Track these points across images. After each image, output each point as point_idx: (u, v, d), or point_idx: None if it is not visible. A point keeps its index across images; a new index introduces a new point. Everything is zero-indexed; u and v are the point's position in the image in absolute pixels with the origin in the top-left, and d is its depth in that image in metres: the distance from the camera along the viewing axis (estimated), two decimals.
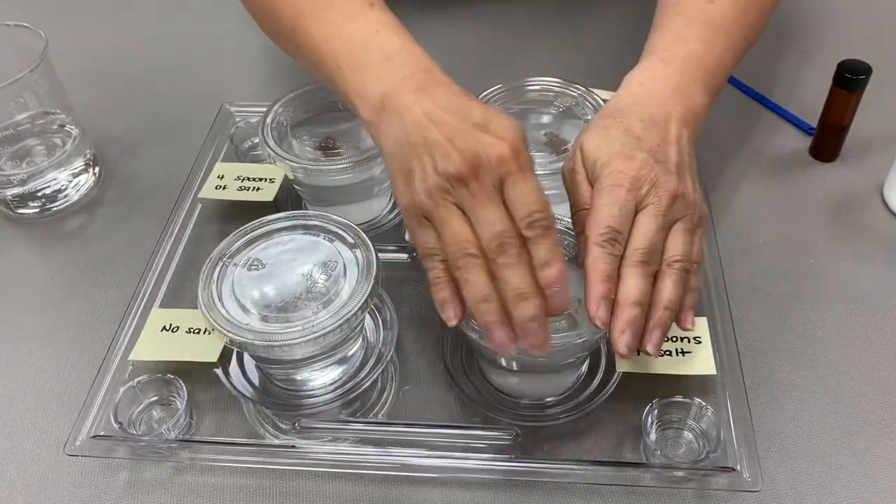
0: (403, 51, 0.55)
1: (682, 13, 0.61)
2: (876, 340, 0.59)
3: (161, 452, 0.54)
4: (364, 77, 0.54)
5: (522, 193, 0.48)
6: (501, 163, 0.48)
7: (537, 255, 0.47)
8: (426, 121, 0.50)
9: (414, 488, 0.53)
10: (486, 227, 0.47)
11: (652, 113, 0.55)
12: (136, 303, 0.62)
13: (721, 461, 0.51)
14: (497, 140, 0.48)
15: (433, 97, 0.51)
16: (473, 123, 0.49)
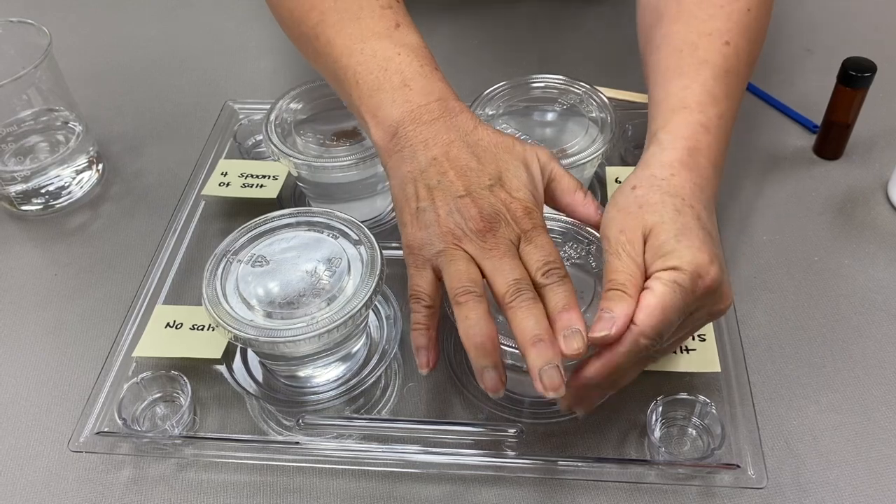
0: (421, 77, 0.54)
1: (706, 62, 0.56)
2: (880, 337, 0.59)
3: (165, 449, 0.54)
4: (380, 99, 0.54)
5: (539, 247, 0.49)
6: (518, 222, 0.49)
7: (555, 300, 0.47)
8: (443, 162, 0.51)
9: (417, 485, 0.53)
10: (503, 275, 0.47)
11: (707, 197, 0.51)
12: (139, 299, 0.62)
13: (725, 458, 0.51)
14: (514, 200, 0.50)
15: (444, 133, 0.52)
16: (486, 180, 0.50)
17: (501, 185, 0.50)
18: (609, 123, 0.63)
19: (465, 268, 0.48)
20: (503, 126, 0.65)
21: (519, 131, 0.64)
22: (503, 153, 0.52)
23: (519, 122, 0.65)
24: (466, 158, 0.51)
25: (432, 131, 0.52)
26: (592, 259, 0.54)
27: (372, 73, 0.55)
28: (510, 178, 0.51)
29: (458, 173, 0.50)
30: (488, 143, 0.52)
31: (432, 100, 0.53)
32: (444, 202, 0.50)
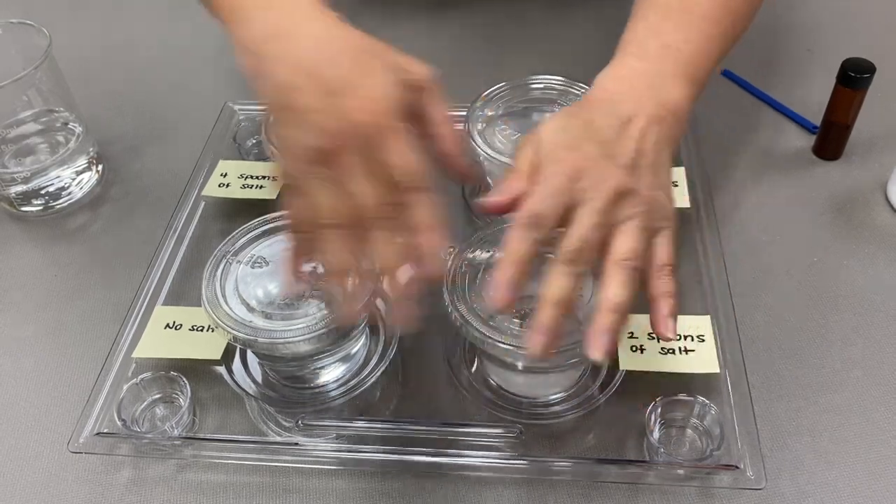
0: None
1: (656, 4, 0.59)
2: (879, 338, 0.59)
3: (164, 450, 0.54)
4: (245, 26, 0.53)
5: (392, 158, 0.46)
6: (367, 130, 0.46)
7: (415, 219, 0.47)
8: (291, 80, 0.48)
9: (417, 485, 0.53)
10: (357, 199, 0.46)
11: (619, 109, 0.52)
12: (139, 300, 0.62)
13: (724, 459, 0.51)
14: (362, 107, 0.47)
15: (302, 43, 0.50)
16: (341, 85, 0.47)
17: (353, 94, 0.47)
18: None
19: (324, 201, 0.47)
20: (502, 127, 0.65)
21: (518, 132, 0.64)
22: (369, 58, 0.50)
23: (518, 123, 0.65)
24: (321, 65, 0.48)
25: (290, 44, 0.50)
26: None
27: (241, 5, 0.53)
28: (371, 82, 0.48)
29: (314, 84, 0.48)
30: (352, 46, 0.50)
31: (294, 12, 0.52)
32: (297, 126, 0.48)
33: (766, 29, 0.89)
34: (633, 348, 0.55)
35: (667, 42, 0.56)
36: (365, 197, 0.46)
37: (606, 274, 0.47)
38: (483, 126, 0.65)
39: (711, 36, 0.57)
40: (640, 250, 0.48)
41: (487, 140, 0.64)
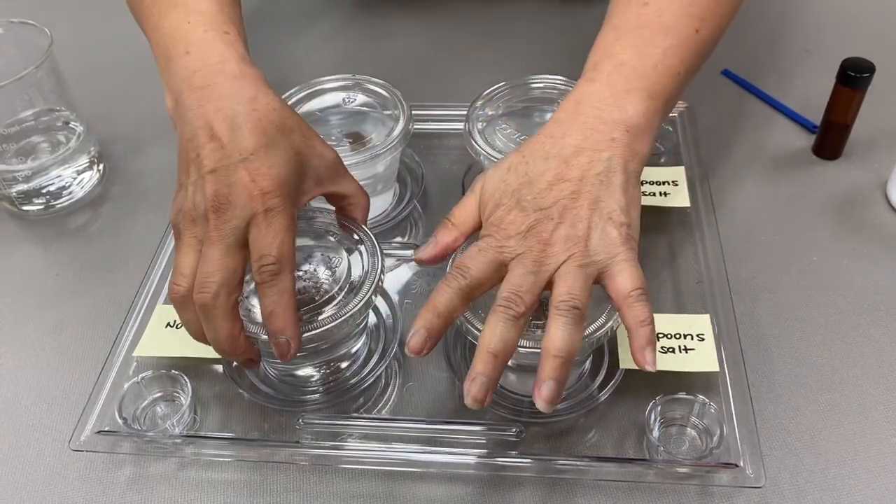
0: (202, 42, 0.54)
1: (614, 27, 0.58)
2: (879, 337, 0.59)
3: (165, 448, 0.54)
4: (170, 70, 0.54)
5: (259, 237, 0.47)
6: (247, 204, 0.47)
7: (263, 304, 0.48)
8: (202, 136, 0.50)
9: (417, 484, 0.53)
10: (202, 267, 0.47)
11: (562, 146, 0.52)
12: (140, 299, 0.62)
13: (724, 457, 0.51)
14: (252, 183, 0.48)
15: (215, 101, 0.51)
16: (240, 154, 0.49)
17: (250, 161, 0.48)
18: None
19: (183, 260, 0.48)
20: (503, 127, 0.65)
21: (519, 131, 0.64)
22: (276, 132, 0.50)
23: (518, 122, 0.66)
24: (228, 130, 0.49)
25: (203, 98, 0.51)
26: None
27: (165, 46, 0.55)
28: (269, 155, 0.49)
29: (216, 146, 0.49)
30: (263, 115, 0.50)
31: (210, 63, 0.52)
32: (193, 179, 0.49)
33: (765, 28, 0.89)
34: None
35: (621, 60, 0.55)
36: (210, 263, 0.47)
37: (548, 320, 0.47)
38: (483, 125, 0.65)
39: (674, 45, 0.56)
40: (577, 290, 0.47)
41: (488, 139, 0.64)
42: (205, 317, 0.48)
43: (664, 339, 0.56)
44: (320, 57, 0.89)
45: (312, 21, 0.94)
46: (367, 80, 0.69)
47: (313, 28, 0.93)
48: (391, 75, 0.70)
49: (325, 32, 0.92)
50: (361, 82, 0.69)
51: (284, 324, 0.48)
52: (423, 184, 0.71)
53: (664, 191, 0.67)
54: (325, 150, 0.53)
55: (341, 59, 0.88)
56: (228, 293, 0.47)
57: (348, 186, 0.55)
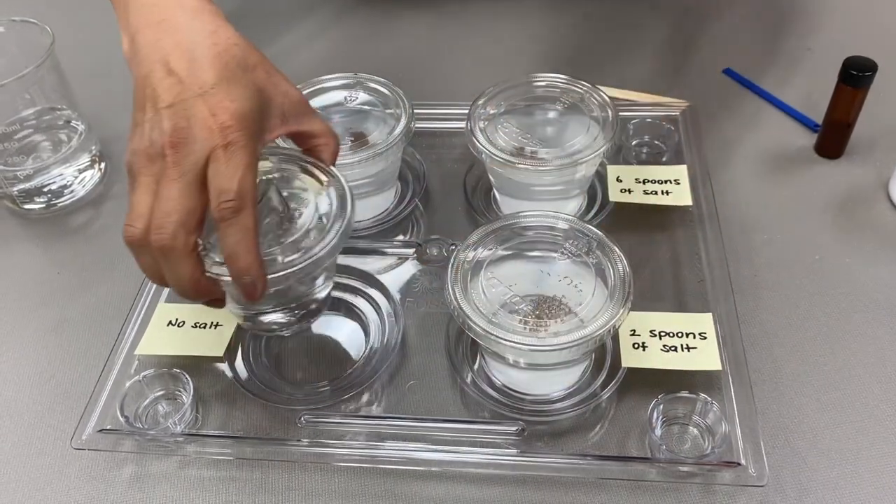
0: None
1: None
2: (881, 336, 0.59)
3: (167, 446, 0.54)
4: (126, 13, 0.52)
5: (218, 173, 0.45)
6: (209, 139, 0.45)
7: (223, 243, 0.46)
8: (159, 71, 0.47)
9: (419, 482, 0.53)
10: (159, 206, 0.45)
11: None
12: (141, 298, 0.62)
13: (726, 456, 0.51)
14: (211, 117, 0.45)
15: (174, 36, 0.48)
16: (199, 88, 0.46)
17: (210, 95, 0.46)
18: (610, 122, 0.63)
19: (137, 199, 0.46)
20: (505, 125, 0.65)
21: (520, 130, 0.64)
22: (237, 67, 0.48)
23: (520, 120, 0.65)
24: (186, 63, 0.47)
25: (160, 32, 0.49)
26: (593, 255, 0.54)
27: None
28: (230, 89, 0.47)
29: (174, 80, 0.47)
30: (224, 49, 0.48)
31: None
32: (150, 115, 0.46)
33: (767, 27, 0.89)
34: (634, 345, 0.55)
35: None
36: (168, 202, 0.45)
37: None
38: (485, 124, 0.65)
39: None
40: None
41: (489, 138, 0.64)
42: (164, 259, 0.46)
43: (666, 337, 0.56)
44: (322, 55, 0.89)
45: (314, 20, 0.94)
46: (369, 79, 0.69)
47: (315, 26, 0.93)
48: (393, 74, 0.70)
49: (326, 31, 0.92)
50: (363, 81, 0.69)
51: (248, 264, 0.46)
52: (425, 182, 0.71)
53: (666, 189, 0.67)
54: (289, 88, 0.51)
55: (343, 58, 0.88)
56: (187, 233, 0.45)
57: (315, 125, 0.53)
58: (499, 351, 0.53)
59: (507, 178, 0.65)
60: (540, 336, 0.50)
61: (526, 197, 0.66)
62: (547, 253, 0.56)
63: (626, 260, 0.53)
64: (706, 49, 0.87)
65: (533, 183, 0.64)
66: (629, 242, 0.65)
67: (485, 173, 0.69)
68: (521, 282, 0.55)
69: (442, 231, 0.67)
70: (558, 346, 0.49)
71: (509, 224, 0.57)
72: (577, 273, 0.54)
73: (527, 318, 0.52)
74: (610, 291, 0.52)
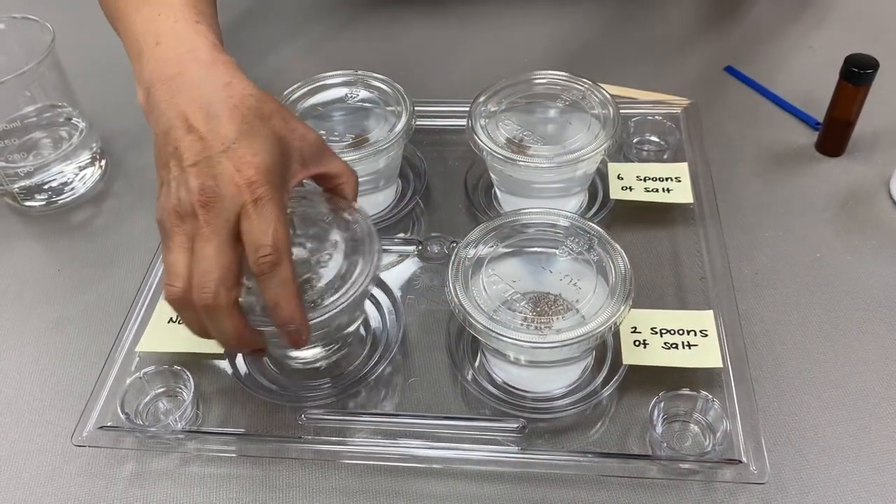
0: (173, 33, 0.52)
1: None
2: (882, 334, 0.59)
3: (168, 443, 0.54)
4: (141, 63, 0.52)
5: (252, 229, 0.46)
6: (236, 196, 0.46)
7: (265, 296, 0.47)
8: (178, 129, 0.48)
9: (420, 479, 0.53)
10: (198, 265, 0.46)
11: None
12: (142, 294, 0.62)
13: (727, 454, 0.51)
14: (238, 173, 0.46)
15: (187, 90, 0.49)
16: (221, 144, 0.47)
17: (233, 151, 0.47)
18: (611, 119, 0.63)
19: (173, 258, 0.47)
20: (505, 122, 0.65)
21: (521, 127, 0.64)
22: (254, 118, 0.49)
23: (521, 118, 0.65)
24: (205, 119, 0.48)
25: (175, 87, 0.49)
26: (594, 252, 0.54)
27: (136, 41, 0.54)
28: (251, 143, 0.47)
29: (195, 137, 0.47)
30: (240, 102, 0.49)
31: (181, 52, 0.51)
32: (175, 174, 0.47)
33: (769, 25, 0.89)
34: (635, 343, 0.55)
35: None
36: (205, 261, 0.46)
37: None
38: (486, 121, 0.65)
39: None
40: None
41: (490, 135, 0.64)
42: (208, 316, 0.47)
43: (667, 334, 0.56)
44: (323, 53, 0.89)
45: (315, 17, 0.94)
46: (370, 76, 0.69)
47: (316, 24, 0.93)
48: (394, 71, 0.70)
49: (327, 28, 0.92)
50: (364, 78, 0.69)
51: (291, 313, 0.47)
52: (426, 180, 0.71)
53: (667, 187, 0.67)
54: (306, 132, 0.52)
55: (344, 55, 0.88)
56: (228, 290, 0.46)
57: (335, 166, 0.54)
58: (500, 348, 0.53)
59: (508, 176, 0.65)
60: (541, 333, 0.50)
61: (527, 194, 0.66)
62: (548, 250, 0.56)
63: (626, 257, 0.53)
64: (707, 46, 0.87)
65: (534, 180, 0.64)
66: (630, 240, 0.65)
67: (486, 171, 0.69)
68: (522, 279, 0.55)
69: (443, 228, 0.67)
70: (559, 344, 0.49)
71: (510, 221, 0.57)
72: (578, 270, 0.54)
73: (528, 315, 0.52)
74: (611, 289, 0.52)
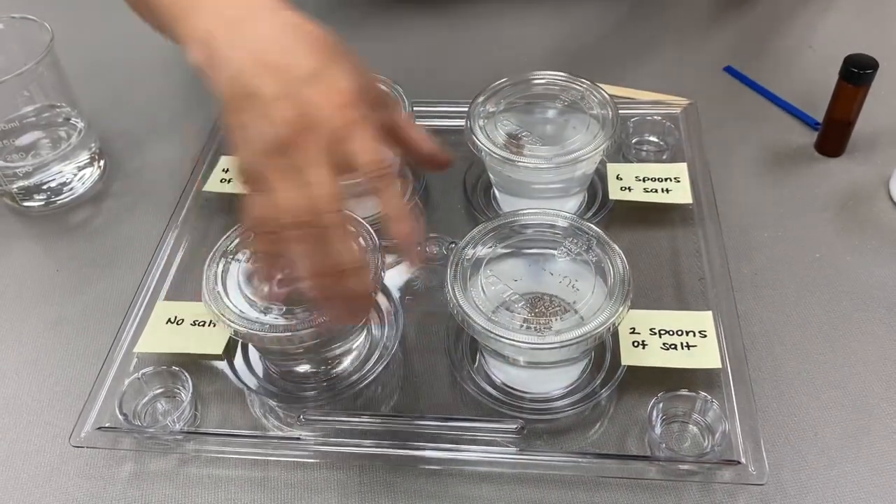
0: None
1: None
2: (882, 335, 0.59)
3: (166, 444, 0.54)
4: (190, 19, 0.49)
5: (357, 148, 0.45)
6: (333, 121, 0.45)
7: (388, 209, 0.46)
8: (252, 67, 0.46)
9: (419, 481, 0.53)
10: (312, 191, 0.44)
11: None
12: (141, 295, 0.62)
13: (726, 454, 0.51)
14: (327, 96, 0.45)
15: (259, 30, 0.47)
16: (305, 73, 0.45)
17: (318, 79, 0.45)
18: (610, 120, 0.63)
19: (284, 195, 0.45)
20: (504, 123, 0.65)
21: (520, 128, 0.64)
22: (332, 50, 0.47)
23: (520, 118, 0.65)
24: (281, 53, 0.46)
25: (243, 32, 0.47)
26: (592, 253, 0.54)
27: None
28: (334, 71, 0.46)
29: (272, 72, 0.45)
30: (316, 36, 0.47)
31: (243, 1, 0.49)
32: (257, 113, 0.45)
33: (768, 25, 0.89)
34: (634, 343, 0.55)
35: None
36: (324, 186, 0.44)
37: None
38: (485, 122, 0.65)
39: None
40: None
41: (489, 135, 0.63)
42: (325, 241, 0.45)
43: (666, 335, 0.56)
44: None
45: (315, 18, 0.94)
46: None
47: None
48: (393, 71, 0.70)
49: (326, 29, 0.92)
50: None
51: (412, 225, 0.46)
52: (424, 180, 0.71)
53: (666, 187, 0.67)
54: (375, 79, 0.50)
55: None
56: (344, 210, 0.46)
57: (398, 115, 0.53)
58: (498, 349, 0.52)
59: (507, 176, 0.64)
60: (539, 334, 0.50)
61: (525, 195, 0.66)
62: (547, 251, 0.56)
63: (625, 258, 0.53)
64: (707, 46, 0.87)
65: (532, 181, 0.64)
66: (629, 240, 0.65)
67: (484, 171, 0.69)
68: (521, 280, 0.55)
69: (441, 229, 0.67)
70: (558, 344, 0.49)
71: (509, 222, 0.57)
72: (576, 271, 0.54)
73: (526, 315, 0.52)
74: (609, 289, 0.52)
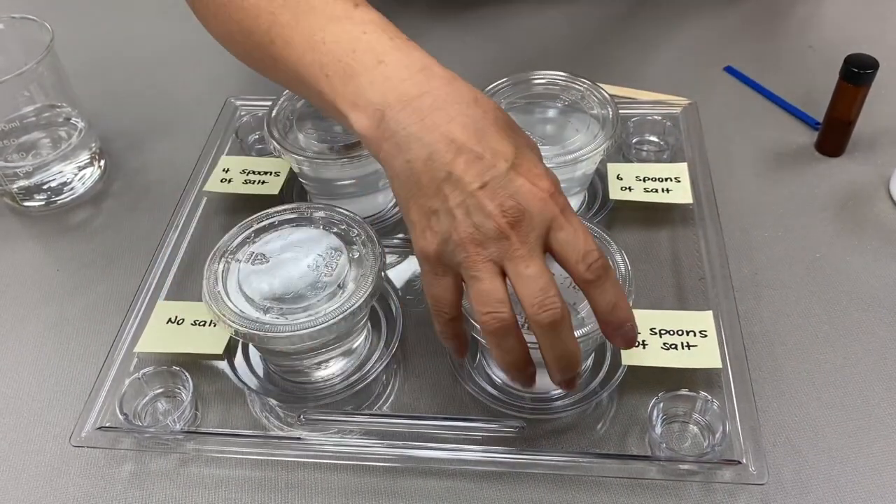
0: (395, 49, 0.49)
1: None
2: (882, 334, 0.59)
3: (166, 444, 0.54)
4: (356, 86, 0.48)
5: (570, 241, 0.44)
6: (543, 211, 0.44)
7: (604, 298, 0.45)
8: (447, 147, 0.45)
9: (419, 480, 0.53)
10: (530, 285, 0.43)
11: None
12: (141, 295, 0.62)
13: (727, 454, 0.51)
14: (535, 187, 0.44)
15: (440, 110, 0.46)
16: (505, 160, 0.44)
17: (518, 166, 0.44)
18: (611, 120, 0.63)
19: (490, 286, 0.44)
20: None
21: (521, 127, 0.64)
22: (513, 131, 0.46)
23: (520, 118, 0.65)
24: (476, 138, 0.45)
25: (423, 108, 0.46)
26: None
27: (341, 61, 0.49)
28: (527, 155, 0.45)
29: (468, 159, 0.44)
30: (496, 116, 0.46)
31: (415, 71, 0.47)
32: (458, 200, 0.44)
33: (768, 25, 0.89)
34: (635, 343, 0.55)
35: None
36: (537, 280, 0.43)
37: None
38: None
39: None
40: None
41: None
42: (553, 334, 0.44)
43: (666, 335, 0.56)
44: None
45: None
46: None
47: None
48: None
49: None
50: None
51: (628, 312, 0.46)
52: None
53: (666, 187, 0.67)
54: None
55: None
56: (565, 305, 0.44)
57: None
58: None
59: None
60: None
61: None
62: None
63: (626, 258, 0.53)
64: (707, 46, 0.87)
65: None
66: (629, 240, 0.66)
67: None
68: None
69: None
70: None
71: None
72: None
73: None
74: None
